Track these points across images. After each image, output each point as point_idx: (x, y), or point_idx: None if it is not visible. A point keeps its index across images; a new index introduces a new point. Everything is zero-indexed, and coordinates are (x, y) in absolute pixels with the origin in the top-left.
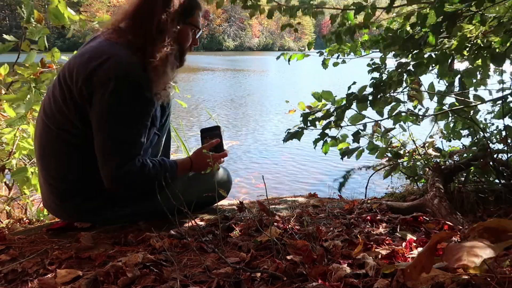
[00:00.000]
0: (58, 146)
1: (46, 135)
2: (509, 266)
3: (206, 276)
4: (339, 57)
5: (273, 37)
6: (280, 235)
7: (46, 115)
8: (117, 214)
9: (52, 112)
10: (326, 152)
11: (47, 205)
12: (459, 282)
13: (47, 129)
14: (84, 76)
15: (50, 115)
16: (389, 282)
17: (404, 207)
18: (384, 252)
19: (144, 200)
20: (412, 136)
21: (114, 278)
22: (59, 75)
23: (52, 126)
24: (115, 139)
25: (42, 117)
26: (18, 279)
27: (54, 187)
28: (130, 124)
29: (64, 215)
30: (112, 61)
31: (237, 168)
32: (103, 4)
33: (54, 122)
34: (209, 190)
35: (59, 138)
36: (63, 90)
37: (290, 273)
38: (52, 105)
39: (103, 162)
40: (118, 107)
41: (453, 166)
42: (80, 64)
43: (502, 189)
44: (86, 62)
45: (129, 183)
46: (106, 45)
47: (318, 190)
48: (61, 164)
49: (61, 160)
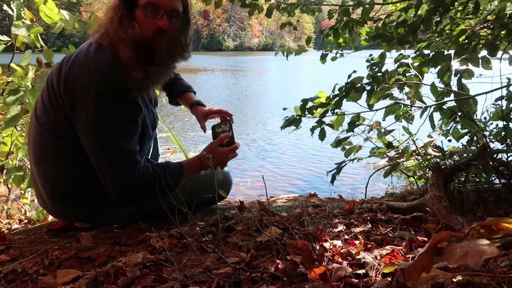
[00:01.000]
0: (53, 152)
1: (40, 140)
2: (509, 266)
3: (206, 276)
4: (337, 53)
5: (273, 37)
6: (280, 235)
7: (38, 121)
8: (116, 215)
9: (43, 118)
10: (322, 139)
11: (45, 208)
12: (459, 282)
13: (40, 135)
14: (64, 84)
15: (42, 121)
16: (389, 282)
17: (404, 207)
18: (384, 252)
19: (143, 201)
20: (412, 136)
21: (114, 278)
22: (47, 80)
23: (45, 132)
24: (109, 154)
25: (34, 123)
26: (18, 279)
27: (52, 192)
28: (120, 134)
29: (63, 216)
30: (91, 68)
31: (237, 168)
32: (103, 4)
33: (47, 128)
34: (208, 190)
35: (53, 144)
36: (50, 96)
37: (290, 273)
38: (42, 110)
39: (104, 178)
40: (104, 118)
41: (453, 166)
42: (64, 71)
43: (502, 189)
44: (68, 68)
45: (132, 193)
46: (88, 50)
47: (318, 190)
48: (58, 169)
49: (58, 165)
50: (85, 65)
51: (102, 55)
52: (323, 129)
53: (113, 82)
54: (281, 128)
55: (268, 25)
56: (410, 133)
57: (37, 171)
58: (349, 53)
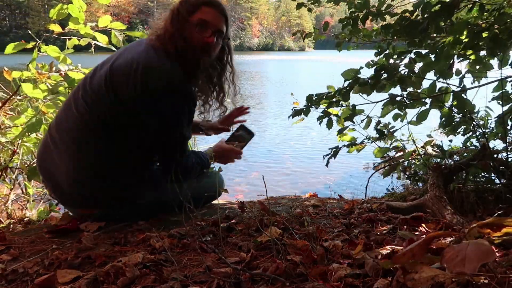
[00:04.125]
0: (94, 137)
1: (80, 126)
2: (509, 266)
3: (206, 276)
4: (351, 39)
5: (273, 37)
6: (280, 235)
7: (86, 103)
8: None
9: (94, 101)
10: (330, 127)
11: (63, 197)
12: (459, 282)
13: (80, 121)
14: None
15: (86, 107)
16: (389, 282)
17: (404, 207)
18: (384, 252)
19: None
20: (412, 136)
21: (114, 278)
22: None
23: (93, 117)
24: (174, 139)
25: (74, 109)
26: (18, 279)
27: (88, 171)
28: (185, 124)
29: (84, 200)
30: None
31: (237, 168)
32: (102, 4)
33: (97, 112)
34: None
35: (96, 130)
36: (108, 88)
37: (290, 273)
38: (90, 97)
39: (165, 160)
40: (172, 112)
41: (453, 166)
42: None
43: (502, 189)
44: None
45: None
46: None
47: (318, 190)
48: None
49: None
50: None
51: (164, 59)
52: (330, 119)
53: (183, 82)
54: (288, 118)
55: (268, 25)
56: (411, 136)
57: (68, 156)
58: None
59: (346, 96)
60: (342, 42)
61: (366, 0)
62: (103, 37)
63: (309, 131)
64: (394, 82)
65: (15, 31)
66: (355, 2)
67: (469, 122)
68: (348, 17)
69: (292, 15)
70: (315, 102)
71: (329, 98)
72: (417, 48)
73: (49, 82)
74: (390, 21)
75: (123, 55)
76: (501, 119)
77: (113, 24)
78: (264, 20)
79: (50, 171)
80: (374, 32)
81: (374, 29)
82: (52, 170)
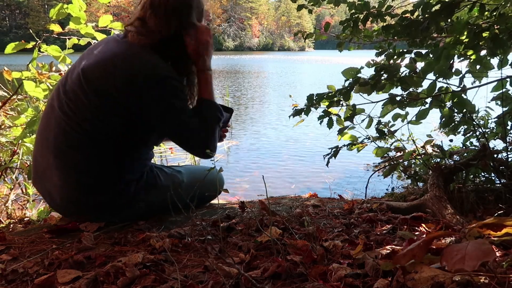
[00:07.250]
0: (83, 142)
1: (65, 130)
2: (509, 266)
3: (206, 276)
4: (352, 40)
5: (273, 37)
6: (280, 235)
7: (64, 113)
8: (132, 212)
9: (71, 109)
10: (330, 127)
11: (56, 205)
12: (459, 282)
13: (65, 127)
14: (123, 79)
15: (71, 113)
16: (389, 282)
17: (404, 207)
18: (384, 252)
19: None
20: (412, 135)
21: (114, 278)
22: (83, 70)
23: (73, 124)
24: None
25: (58, 116)
26: (18, 279)
27: (79, 183)
28: (186, 106)
29: (81, 211)
30: (150, 62)
31: (237, 168)
32: (102, 4)
33: (77, 119)
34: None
35: (84, 135)
36: (92, 89)
37: (290, 273)
38: (72, 102)
39: (188, 149)
40: (172, 101)
41: (453, 166)
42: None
43: (502, 189)
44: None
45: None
46: (129, 48)
47: (318, 190)
48: (86, 158)
49: (87, 155)
50: (143, 60)
51: (146, 52)
52: (331, 118)
53: (169, 69)
54: (289, 117)
55: (268, 25)
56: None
57: (58, 163)
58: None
59: (347, 96)
60: (343, 42)
61: (367, 2)
62: (103, 37)
63: (309, 131)
64: (395, 82)
65: (15, 31)
66: (356, 4)
67: (469, 122)
68: (348, 19)
69: (292, 15)
70: (316, 102)
71: (330, 98)
72: (417, 48)
73: (49, 82)
74: (390, 22)
75: (96, 55)
76: (501, 119)
77: (113, 24)
78: (264, 20)
79: (45, 187)
80: (375, 33)
81: (375, 29)
82: (47, 187)
